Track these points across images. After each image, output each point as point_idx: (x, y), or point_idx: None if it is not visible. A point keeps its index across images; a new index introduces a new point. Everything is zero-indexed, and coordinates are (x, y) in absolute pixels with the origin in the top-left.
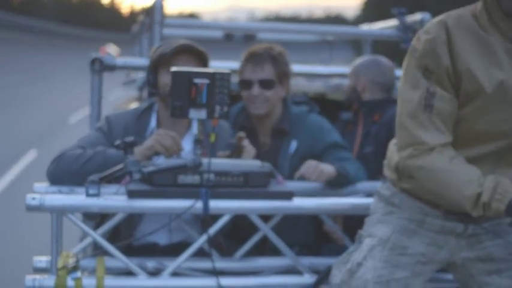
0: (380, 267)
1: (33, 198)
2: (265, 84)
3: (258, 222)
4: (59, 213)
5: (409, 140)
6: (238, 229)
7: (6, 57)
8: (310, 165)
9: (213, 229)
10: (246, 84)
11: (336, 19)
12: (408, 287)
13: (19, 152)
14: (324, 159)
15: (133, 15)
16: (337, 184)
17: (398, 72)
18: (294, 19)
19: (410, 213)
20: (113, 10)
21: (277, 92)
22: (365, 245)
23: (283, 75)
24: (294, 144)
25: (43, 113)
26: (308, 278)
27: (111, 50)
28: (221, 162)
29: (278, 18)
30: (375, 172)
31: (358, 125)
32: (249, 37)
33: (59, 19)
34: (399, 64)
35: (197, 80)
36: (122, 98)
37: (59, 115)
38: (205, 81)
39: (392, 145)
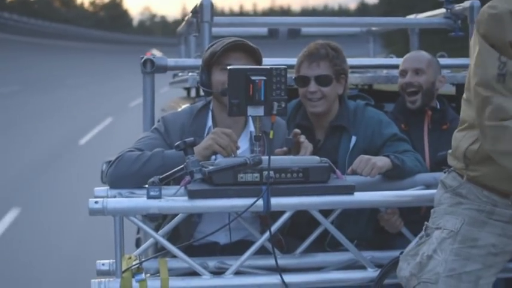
0: (451, 261)
1: (96, 202)
2: (322, 80)
3: (319, 217)
4: (122, 216)
5: (490, 109)
6: (296, 225)
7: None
8: (361, 160)
9: (275, 226)
10: (302, 80)
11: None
12: (480, 280)
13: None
14: (383, 152)
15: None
16: (394, 176)
17: (450, 61)
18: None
19: (479, 204)
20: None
21: (334, 88)
22: (434, 238)
23: (341, 71)
24: (353, 140)
25: (52, 131)
26: (372, 272)
27: (156, 54)
28: (280, 159)
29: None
30: None
31: (423, 125)
32: (293, 32)
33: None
34: (449, 53)
35: (254, 77)
36: (165, 97)
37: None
38: (263, 78)
39: (457, 133)
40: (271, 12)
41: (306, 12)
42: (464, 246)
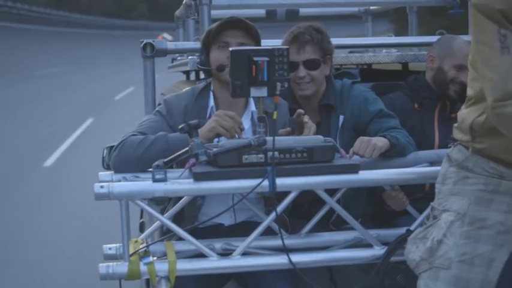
0: (462, 244)
1: (102, 187)
2: (310, 64)
3: (325, 196)
4: (128, 200)
5: (494, 89)
6: (299, 206)
7: (62, 49)
8: (362, 142)
9: (281, 207)
10: (291, 66)
11: None
12: (493, 262)
13: (77, 121)
14: (370, 129)
15: None
16: (392, 155)
17: None
18: None
19: (486, 177)
20: None
21: (322, 71)
22: (443, 222)
23: (327, 52)
24: (341, 119)
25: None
26: (378, 250)
27: (167, 37)
28: (284, 139)
29: None
30: None
31: (434, 110)
32: (291, 13)
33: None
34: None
35: (257, 58)
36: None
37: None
38: (265, 58)
39: (463, 109)
40: None
41: None
42: (473, 228)
